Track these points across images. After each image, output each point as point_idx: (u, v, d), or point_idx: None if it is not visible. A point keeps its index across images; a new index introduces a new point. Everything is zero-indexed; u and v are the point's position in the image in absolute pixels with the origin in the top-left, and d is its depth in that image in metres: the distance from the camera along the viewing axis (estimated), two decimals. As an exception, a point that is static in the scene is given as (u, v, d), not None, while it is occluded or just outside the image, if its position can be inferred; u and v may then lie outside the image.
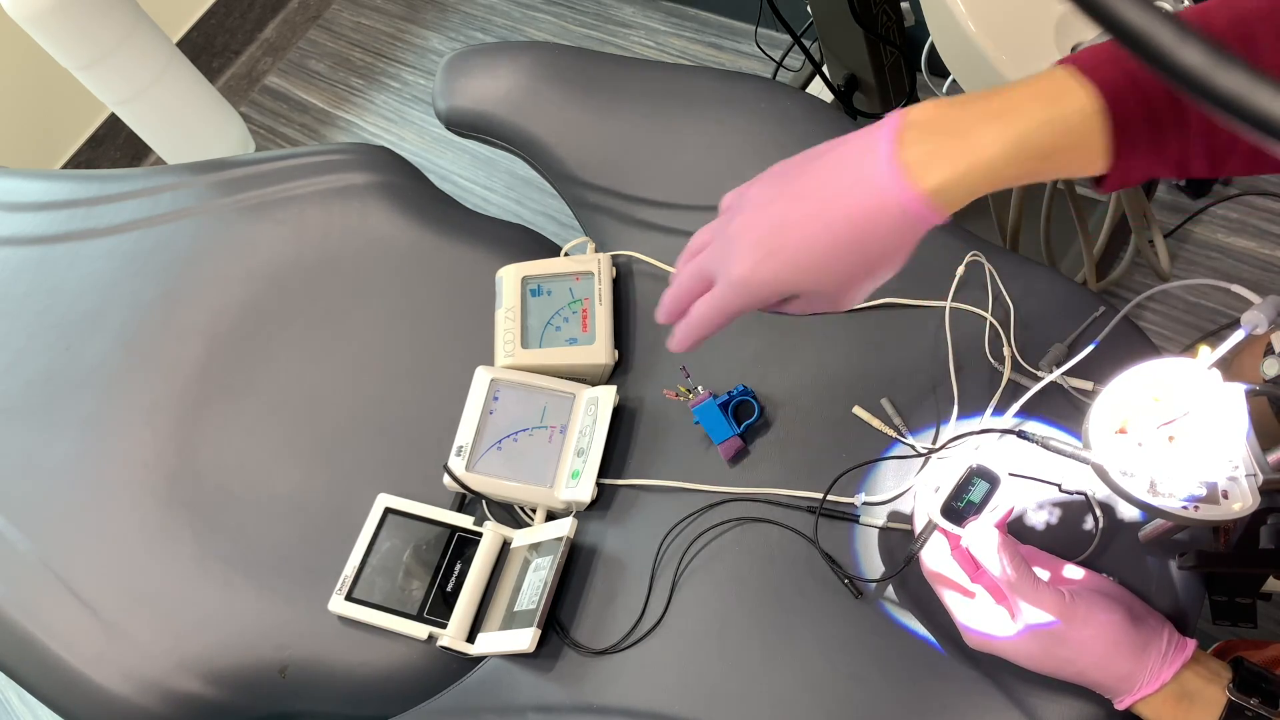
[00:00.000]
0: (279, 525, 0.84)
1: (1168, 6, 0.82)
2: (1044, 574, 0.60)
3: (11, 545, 0.85)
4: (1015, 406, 0.68)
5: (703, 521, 0.74)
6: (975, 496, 0.61)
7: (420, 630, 0.75)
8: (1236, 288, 0.64)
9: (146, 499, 0.85)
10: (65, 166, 2.15)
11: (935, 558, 0.61)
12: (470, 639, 0.75)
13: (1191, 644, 0.58)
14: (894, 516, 0.70)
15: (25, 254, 1.02)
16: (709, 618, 0.71)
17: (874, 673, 0.65)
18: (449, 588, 0.77)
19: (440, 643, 0.75)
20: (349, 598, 0.77)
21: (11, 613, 0.82)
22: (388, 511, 0.80)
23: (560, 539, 0.74)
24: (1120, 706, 0.58)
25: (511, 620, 0.73)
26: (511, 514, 0.82)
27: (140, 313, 0.95)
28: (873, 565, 0.69)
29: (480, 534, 0.78)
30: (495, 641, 0.73)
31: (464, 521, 0.79)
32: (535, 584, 0.73)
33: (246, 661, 0.79)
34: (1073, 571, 0.63)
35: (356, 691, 0.78)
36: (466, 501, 0.82)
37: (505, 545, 0.79)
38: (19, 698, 1.68)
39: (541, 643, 0.72)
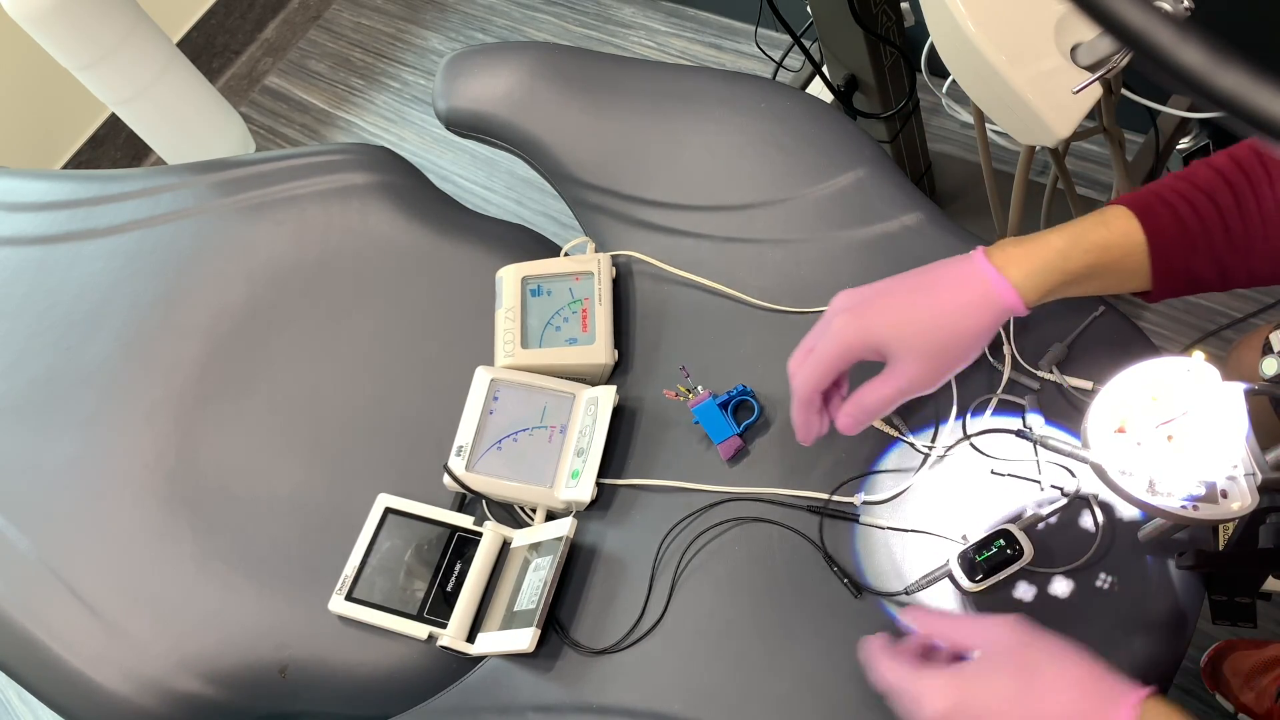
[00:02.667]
0: (279, 525, 0.84)
1: (1167, 7, 0.82)
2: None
3: (11, 545, 0.85)
4: (1017, 407, 0.68)
5: (702, 521, 0.74)
6: (995, 556, 0.64)
7: (420, 630, 0.75)
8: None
9: (147, 499, 0.85)
10: (65, 166, 2.15)
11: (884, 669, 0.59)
12: (470, 639, 0.75)
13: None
14: (895, 517, 0.70)
15: (26, 254, 1.03)
16: (709, 618, 0.71)
17: (874, 672, 0.65)
18: (449, 588, 0.77)
19: (440, 642, 0.75)
20: (349, 597, 0.77)
21: (11, 613, 0.82)
22: (388, 511, 0.80)
23: (560, 539, 0.74)
24: None
25: (511, 620, 0.73)
26: (511, 514, 0.82)
27: (141, 313, 0.95)
28: (873, 565, 0.69)
29: (480, 534, 0.78)
30: (495, 641, 0.73)
31: (464, 521, 0.79)
32: (535, 584, 0.73)
33: (246, 661, 0.79)
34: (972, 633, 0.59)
35: (356, 691, 0.78)
36: (466, 501, 0.82)
37: (505, 545, 0.79)
38: (19, 697, 1.68)
39: (541, 643, 0.72)
